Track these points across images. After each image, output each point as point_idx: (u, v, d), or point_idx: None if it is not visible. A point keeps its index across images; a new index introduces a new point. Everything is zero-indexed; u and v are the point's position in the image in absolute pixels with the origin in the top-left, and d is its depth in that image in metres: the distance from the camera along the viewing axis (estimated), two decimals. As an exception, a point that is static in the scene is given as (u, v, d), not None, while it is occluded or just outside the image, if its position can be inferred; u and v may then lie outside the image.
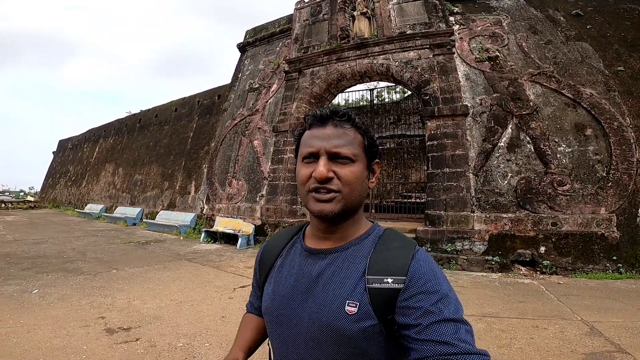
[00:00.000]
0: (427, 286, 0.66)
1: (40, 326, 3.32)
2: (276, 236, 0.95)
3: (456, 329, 0.62)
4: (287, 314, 0.76)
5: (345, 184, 0.73)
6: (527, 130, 6.90)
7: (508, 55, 7.46)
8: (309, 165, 0.76)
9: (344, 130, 0.76)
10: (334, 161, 0.74)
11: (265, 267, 0.89)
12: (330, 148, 0.74)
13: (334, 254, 0.77)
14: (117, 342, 3.02)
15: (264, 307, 0.83)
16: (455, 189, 7.12)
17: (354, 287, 0.71)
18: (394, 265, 0.70)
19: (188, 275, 5.69)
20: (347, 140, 0.75)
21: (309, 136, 0.78)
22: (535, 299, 4.47)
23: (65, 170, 23.62)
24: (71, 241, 9.03)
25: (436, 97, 7.64)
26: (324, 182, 0.73)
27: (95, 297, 4.36)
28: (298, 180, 0.79)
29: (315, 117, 0.79)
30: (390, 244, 0.76)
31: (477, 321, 3.60)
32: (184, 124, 14.04)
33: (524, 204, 6.59)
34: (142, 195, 14.56)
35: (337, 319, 0.69)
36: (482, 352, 0.60)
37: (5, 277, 5.19)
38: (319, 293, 0.73)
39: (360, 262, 0.74)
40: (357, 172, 0.75)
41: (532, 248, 6.30)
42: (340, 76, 8.92)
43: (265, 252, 0.93)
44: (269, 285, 0.84)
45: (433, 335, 0.61)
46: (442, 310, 0.63)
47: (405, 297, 0.66)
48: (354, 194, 0.75)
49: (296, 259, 0.82)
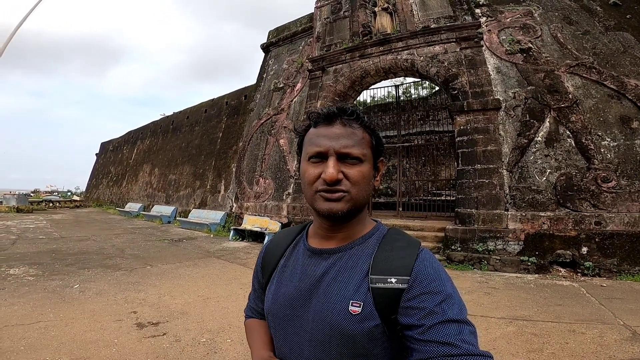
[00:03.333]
0: (431, 286, 0.66)
1: (77, 320, 3.54)
2: (279, 236, 0.93)
3: (460, 330, 0.61)
4: (291, 315, 0.75)
5: (354, 184, 0.72)
6: (566, 124, 6.47)
7: (542, 46, 7.02)
8: (316, 165, 0.74)
9: (352, 129, 0.74)
10: (343, 161, 0.73)
11: (269, 268, 0.88)
12: (339, 148, 0.72)
13: (338, 254, 0.76)
14: (145, 337, 3.16)
15: (266, 308, 0.82)
16: (488, 186, 6.81)
17: (358, 287, 0.70)
18: (397, 265, 0.69)
19: (215, 272, 5.86)
20: (356, 140, 0.73)
21: (316, 135, 0.76)
22: (574, 302, 4.20)
23: (107, 171, 25.17)
24: (111, 238, 9.59)
25: (465, 91, 7.33)
26: (334, 184, 0.71)
27: (130, 293, 4.59)
28: (304, 180, 0.76)
29: (322, 115, 0.76)
30: (394, 243, 0.74)
31: (508, 324, 3.42)
32: (213, 125, 14.48)
33: (565, 202, 6.19)
34: (176, 195, 15.21)
35: (341, 319, 0.68)
36: (485, 353, 0.60)
37: (50, 272, 5.61)
38: (322, 293, 0.73)
39: (364, 262, 0.73)
40: (365, 172, 0.74)
41: (573, 248, 5.91)
42: (364, 73, 8.80)
43: (268, 252, 0.91)
44: (272, 286, 0.83)
45: (436, 336, 0.60)
46: (446, 311, 0.63)
47: (408, 297, 0.65)
48: (361, 194, 0.74)
49: (299, 258, 0.81)
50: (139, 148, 21.06)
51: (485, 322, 3.49)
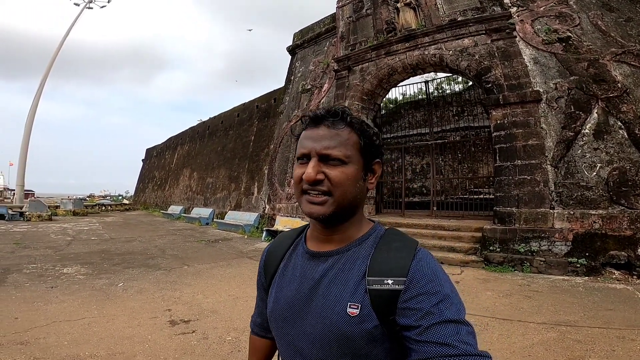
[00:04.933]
0: (428, 287, 0.66)
1: (118, 316, 3.78)
2: (279, 239, 0.95)
3: (457, 330, 0.61)
4: (291, 317, 0.76)
5: (335, 185, 0.72)
6: (617, 115, 5.94)
7: (582, 35, 6.49)
8: (302, 166, 0.76)
9: (336, 131, 0.75)
10: (325, 163, 0.73)
11: (270, 271, 0.89)
12: (320, 149, 0.73)
13: (336, 256, 0.77)
14: (176, 333, 3.31)
15: (268, 311, 0.84)
16: (530, 183, 6.40)
17: (355, 289, 0.70)
18: (394, 266, 0.69)
19: (247, 272, 6.01)
20: (339, 142, 0.74)
21: (303, 137, 0.78)
22: (627, 307, 3.81)
23: (152, 175, 26.80)
24: (155, 239, 10.18)
25: (500, 84, 6.94)
26: (313, 184, 0.72)
27: (167, 291, 4.83)
28: (293, 180, 0.79)
29: (310, 117, 0.79)
30: (391, 244, 0.74)
31: (548, 330, 3.16)
32: (245, 128, 14.90)
33: (618, 199, 5.67)
34: (213, 197, 15.84)
35: (339, 321, 0.69)
36: (484, 353, 0.59)
37: (99, 271, 6.05)
38: (321, 296, 0.73)
39: (360, 264, 0.73)
40: (348, 173, 0.73)
41: (629, 249, 5.39)
42: (391, 70, 8.62)
43: (269, 255, 0.93)
44: (274, 289, 0.85)
45: (434, 336, 0.60)
46: (443, 312, 0.62)
47: (405, 298, 0.65)
48: (346, 196, 0.73)
49: (298, 261, 0.83)
50: (179, 153, 22.20)
51: (523, 327, 3.25)
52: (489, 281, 5.22)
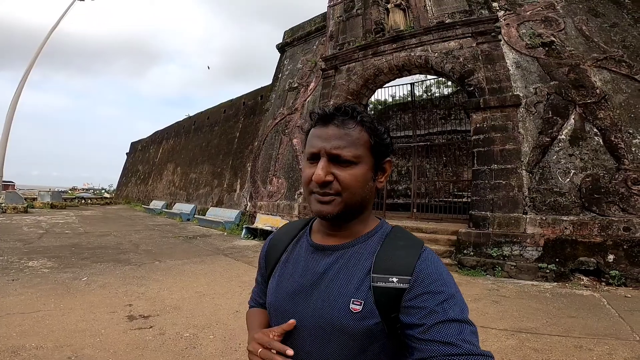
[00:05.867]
0: (432, 286, 0.66)
1: (74, 310, 3.65)
2: (282, 230, 0.95)
3: (461, 330, 0.61)
4: (292, 310, 0.76)
5: (344, 187, 0.72)
6: (593, 121, 6.01)
7: (566, 39, 6.56)
8: (311, 165, 0.75)
9: (346, 130, 0.73)
10: (335, 163, 0.72)
11: (272, 261, 0.88)
12: (330, 150, 0.72)
13: (341, 251, 0.77)
14: (132, 328, 3.20)
15: (268, 302, 0.84)
16: (505, 188, 6.45)
17: (359, 285, 0.70)
18: (399, 265, 0.69)
19: (220, 269, 5.90)
20: (349, 141, 0.72)
21: (312, 135, 0.77)
22: (590, 314, 3.84)
23: (136, 169, 26.28)
24: (131, 234, 9.95)
25: (482, 87, 6.99)
26: (322, 186, 0.72)
27: (132, 286, 4.70)
28: (302, 180, 0.78)
29: (319, 115, 0.77)
30: (397, 242, 0.75)
31: (509, 337, 3.16)
32: (231, 125, 14.73)
33: (590, 206, 5.75)
34: (195, 193, 15.60)
35: (341, 316, 0.69)
36: (486, 353, 0.60)
37: (65, 265, 5.85)
38: (323, 290, 0.73)
39: (366, 260, 0.73)
40: (358, 174, 0.73)
41: (598, 256, 5.46)
42: (377, 71, 8.61)
43: (271, 245, 0.92)
44: (274, 280, 0.84)
45: (437, 335, 0.61)
46: (447, 311, 0.63)
47: (410, 297, 0.66)
48: (355, 197, 0.73)
49: (302, 254, 0.82)
50: (164, 147, 21.83)
51: (484, 333, 3.24)
52: (460, 285, 5.13)
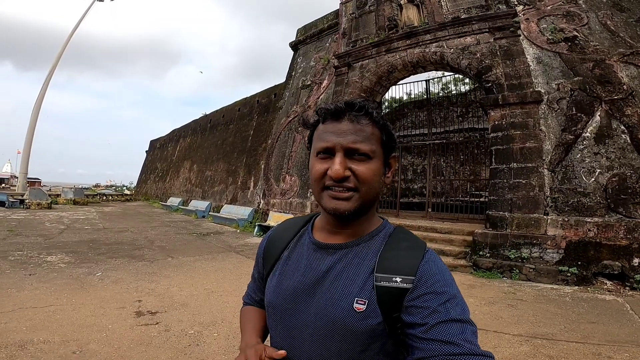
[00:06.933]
0: (435, 287, 0.66)
1: (85, 305, 3.72)
2: (283, 226, 0.92)
3: (462, 330, 0.61)
4: (293, 308, 0.75)
5: (362, 182, 0.71)
6: (621, 118, 5.69)
7: (590, 34, 6.24)
8: (323, 161, 0.73)
9: (360, 125, 0.72)
10: (351, 158, 0.71)
11: (271, 259, 0.86)
12: (347, 144, 0.71)
13: (344, 250, 0.76)
14: (138, 324, 3.23)
15: (267, 300, 0.82)
16: (525, 187, 6.20)
17: (363, 284, 0.70)
18: (403, 265, 0.69)
19: (230, 266, 5.92)
20: (365, 136, 0.72)
21: (324, 130, 0.75)
22: (612, 320, 3.63)
23: (154, 167, 26.91)
24: (147, 230, 10.16)
25: (500, 83, 6.73)
26: (340, 181, 0.70)
27: (143, 282, 4.76)
28: (312, 176, 0.75)
29: (329, 111, 0.75)
30: (400, 243, 0.75)
31: (522, 343, 2.99)
32: (245, 123, 14.82)
33: (616, 207, 5.45)
34: (210, 190, 15.81)
35: (345, 315, 0.68)
36: (487, 353, 0.60)
37: (81, 260, 6.01)
38: (327, 288, 0.73)
39: (369, 259, 0.73)
40: (374, 169, 0.73)
41: (623, 259, 5.18)
42: (391, 68, 8.43)
43: (271, 242, 0.90)
44: (274, 278, 0.82)
45: (439, 334, 0.61)
46: (449, 311, 0.63)
47: (413, 296, 0.66)
48: (370, 192, 0.73)
49: (304, 252, 0.81)
50: (181, 145, 22.23)
51: (497, 338, 3.09)
52: (474, 287, 5.05)
